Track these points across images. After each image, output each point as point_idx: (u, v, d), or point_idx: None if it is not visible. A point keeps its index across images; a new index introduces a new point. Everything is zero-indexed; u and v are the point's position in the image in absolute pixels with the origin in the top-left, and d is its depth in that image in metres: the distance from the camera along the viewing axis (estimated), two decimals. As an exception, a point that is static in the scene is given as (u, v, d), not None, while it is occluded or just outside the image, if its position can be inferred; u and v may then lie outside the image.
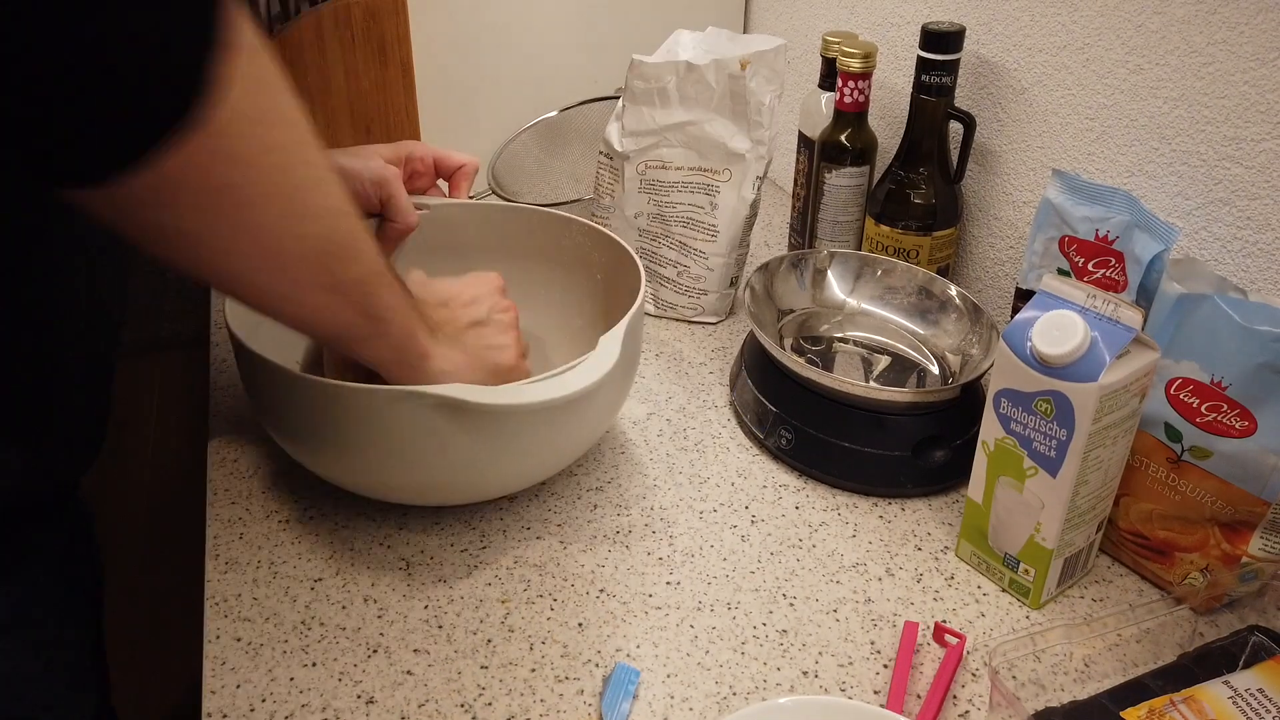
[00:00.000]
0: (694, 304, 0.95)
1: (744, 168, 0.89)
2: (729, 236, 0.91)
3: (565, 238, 0.81)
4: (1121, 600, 0.65)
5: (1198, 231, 0.71)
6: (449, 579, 0.65)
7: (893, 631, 0.62)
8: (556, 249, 0.82)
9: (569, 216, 0.80)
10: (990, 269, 0.93)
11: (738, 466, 0.76)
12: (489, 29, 1.15)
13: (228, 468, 0.75)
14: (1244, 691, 0.54)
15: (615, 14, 1.20)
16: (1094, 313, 0.57)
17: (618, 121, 0.91)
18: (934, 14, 0.94)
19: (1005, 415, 0.61)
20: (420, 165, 0.79)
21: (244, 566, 0.66)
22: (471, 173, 0.81)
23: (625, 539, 0.69)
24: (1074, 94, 0.80)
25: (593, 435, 0.70)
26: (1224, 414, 0.58)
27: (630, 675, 0.58)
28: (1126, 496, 0.65)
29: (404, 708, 0.56)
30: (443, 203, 0.81)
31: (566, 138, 1.16)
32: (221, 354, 0.89)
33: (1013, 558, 0.64)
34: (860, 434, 0.72)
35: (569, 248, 0.81)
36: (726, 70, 0.85)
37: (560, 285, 0.82)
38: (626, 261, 0.75)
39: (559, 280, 0.82)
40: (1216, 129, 0.69)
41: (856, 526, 0.70)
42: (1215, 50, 0.68)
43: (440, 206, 0.80)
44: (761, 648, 0.61)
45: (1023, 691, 0.57)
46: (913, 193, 0.87)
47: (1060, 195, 0.70)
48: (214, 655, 0.59)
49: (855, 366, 0.82)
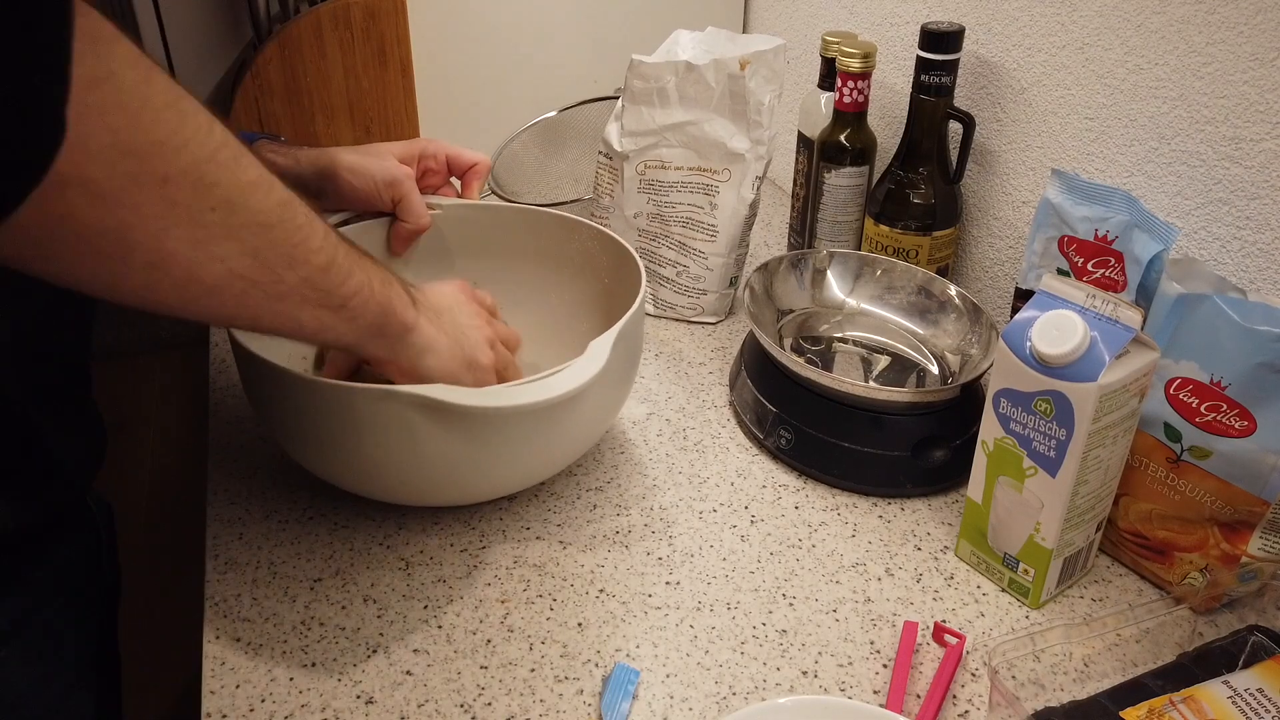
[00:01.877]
0: (693, 304, 0.95)
1: (743, 168, 0.89)
2: (728, 236, 0.91)
3: (573, 241, 0.81)
4: (1121, 600, 0.65)
5: (1197, 231, 0.71)
6: (448, 579, 0.65)
7: (892, 631, 0.62)
8: (564, 252, 0.82)
9: (577, 219, 0.81)
10: (990, 269, 0.93)
11: (737, 466, 0.76)
12: (488, 29, 1.15)
13: (228, 468, 0.75)
14: (1243, 691, 0.54)
15: (615, 14, 1.20)
16: (1093, 312, 0.57)
17: (617, 121, 0.91)
18: (933, 14, 0.94)
19: (1005, 415, 0.61)
20: (433, 163, 0.79)
21: (243, 567, 0.66)
22: (484, 172, 0.81)
23: (625, 539, 0.69)
24: (1073, 94, 0.80)
25: (589, 438, 0.70)
26: (1223, 414, 0.58)
27: (630, 675, 0.58)
28: (1126, 496, 0.65)
29: (403, 708, 0.56)
30: (455, 203, 0.81)
31: (566, 138, 1.16)
32: (221, 354, 0.89)
33: (1012, 558, 0.64)
34: (860, 434, 0.72)
35: (576, 251, 0.81)
36: (726, 70, 0.85)
37: (567, 288, 0.83)
38: (629, 264, 0.75)
39: (566, 283, 0.83)
40: (1216, 129, 0.69)
41: (856, 526, 0.70)
42: (1215, 50, 0.68)
43: (452, 207, 0.81)
44: (761, 648, 0.61)
45: (1022, 691, 0.57)
46: (912, 193, 0.87)
47: (1060, 195, 0.70)
48: (213, 655, 0.59)
49: (855, 366, 0.82)
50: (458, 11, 1.13)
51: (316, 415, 0.60)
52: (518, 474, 0.67)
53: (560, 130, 1.15)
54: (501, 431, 0.61)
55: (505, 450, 0.62)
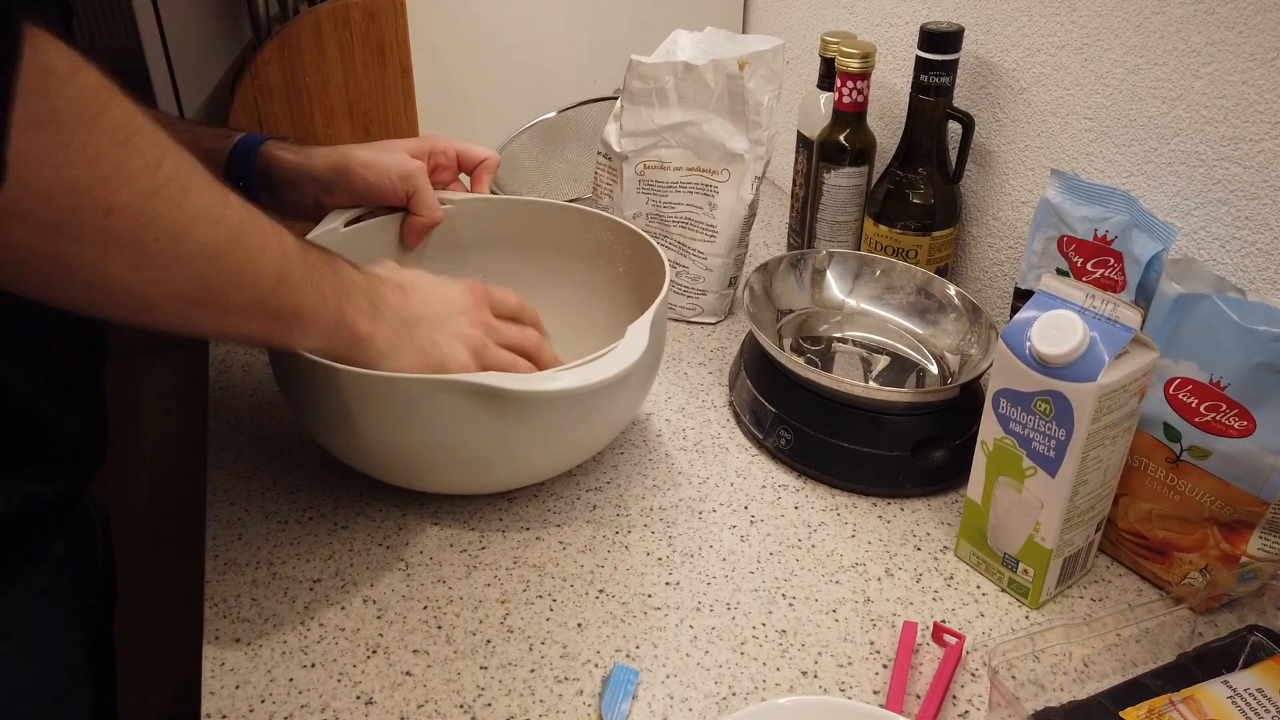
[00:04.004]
0: (693, 304, 0.95)
1: (742, 168, 0.89)
2: (727, 237, 0.91)
3: (587, 231, 0.82)
4: (1121, 600, 0.65)
5: (1196, 231, 0.71)
6: (448, 579, 0.65)
7: (892, 631, 0.62)
8: (577, 243, 0.83)
9: (590, 210, 0.82)
10: (989, 269, 0.93)
11: (737, 467, 0.76)
12: (488, 30, 1.15)
13: (227, 468, 0.75)
14: (1243, 691, 0.54)
15: (614, 15, 1.20)
16: (1093, 312, 0.57)
17: (616, 122, 0.91)
18: (933, 14, 0.94)
19: (1004, 415, 0.61)
20: (443, 159, 0.80)
21: (243, 567, 0.66)
22: (493, 167, 0.82)
23: (624, 539, 0.69)
24: (1073, 94, 0.80)
25: (626, 419, 0.72)
26: (1223, 414, 0.58)
27: (629, 675, 0.58)
28: (1125, 496, 0.65)
29: (403, 708, 0.56)
30: (465, 198, 0.82)
31: (565, 139, 1.16)
32: (221, 354, 0.88)
33: (1012, 558, 0.64)
34: (859, 434, 0.72)
35: (588, 241, 0.82)
36: (725, 70, 0.85)
37: (582, 279, 0.84)
38: (648, 252, 0.76)
39: (581, 273, 0.84)
40: (1215, 129, 0.69)
41: (856, 527, 0.70)
42: (1214, 50, 0.68)
43: (464, 201, 0.82)
44: (761, 648, 0.61)
45: (1022, 691, 0.57)
46: (911, 193, 0.87)
47: (1059, 195, 0.70)
48: (213, 656, 0.59)
49: (854, 366, 0.82)
50: (457, 12, 1.13)
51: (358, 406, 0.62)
52: (554, 459, 0.69)
53: (559, 131, 1.15)
54: (545, 417, 0.63)
55: (547, 435, 0.65)
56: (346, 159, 0.74)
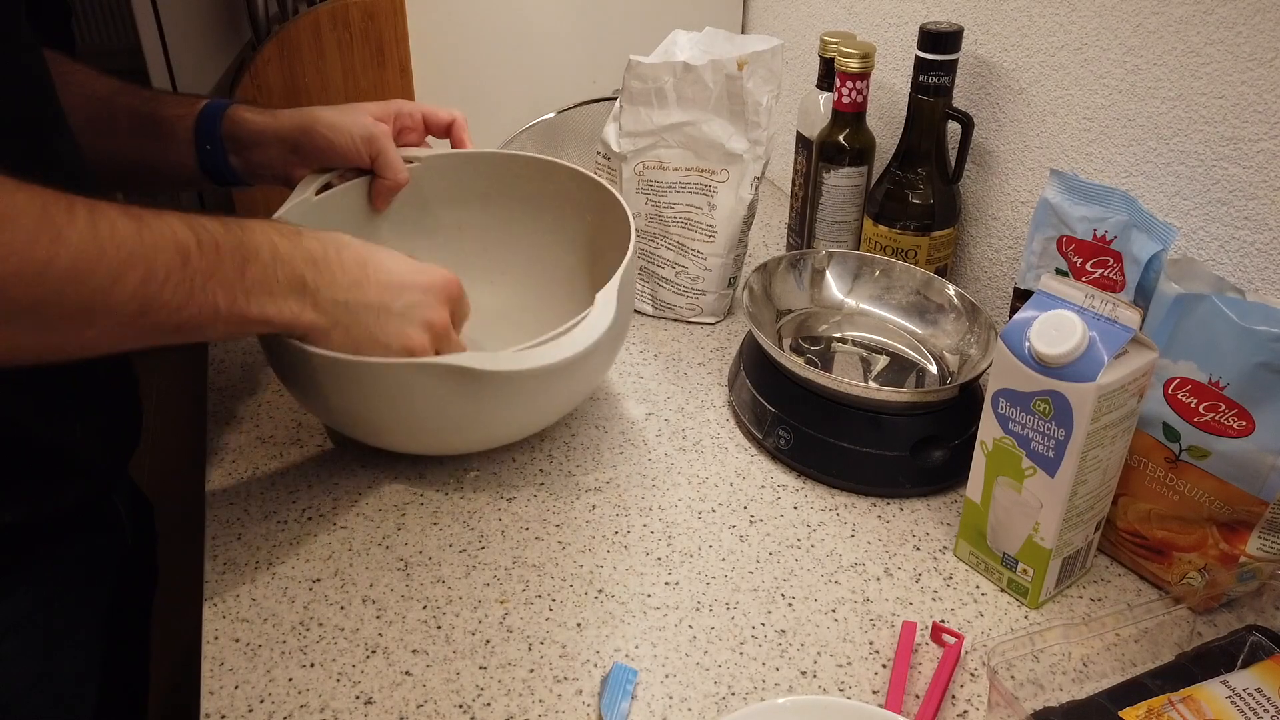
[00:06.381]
0: (692, 304, 0.95)
1: (742, 168, 0.89)
2: (727, 237, 0.91)
3: (552, 181, 0.84)
4: (1120, 600, 0.65)
5: (1195, 231, 0.72)
6: (447, 579, 0.65)
7: (891, 631, 0.62)
8: (544, 193, 0.84)
9: (553, 160, 0.83)
10: (988, 269, 0.93)
11: (736, 467, 0.76)
12: (487, 30, 1.15)
13: (226, 468, 0.75)
14: (1242, 691, 0.54)
15: (613, 15, 1.20)
16: (1092, 312, 0.57)
17: (615, 122, 0.91)
18: (932, 14, 0.94)
19: (1004, 415, 0.61)
20: (409, 121, 0.81)
21: (242, 567, 0.66)
22: (465, 124, 0.82)
23: (624, 539, 0.69)
24: (1072, 94, 0.80)
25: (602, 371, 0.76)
26: (1222, 414, 0.58)
27: (629, 675, 0.58)
28: (1125, 496, 0.65)
29: (402, 708, 0.56)
30: (431, 154, 0.83)
31: (564, 139, 1.15)
32: (220, 354, 0.88)
33: (1011, 557, 0.64)
34: (859, 434, 0.72)
35: (554, 191, 0.84)
36: (724, 71, 0.85)
37: (552, 228, 0.85)
38: (611, 202, 0.78)
39: (551, 222, 0.85)
40: (1214, 129, 0.69)
41: (855, 526, 0.70)
42: (1213, 50, 0.68)
43: (430, 158, 0.83)
44: (760, 648, 0.61)
45: (1021, 691, 0.57)
46: (911, 193, 0.87)
47: (1058, 195, 0.70)
48: (212, 656, 0.59)
49: (854, 366, 0.82)
50: (456, 12, 1.13)
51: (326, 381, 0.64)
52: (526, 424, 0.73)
53: (559, 131, 1.15)
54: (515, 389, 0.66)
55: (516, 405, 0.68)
56: (312, 120, 0.75)
